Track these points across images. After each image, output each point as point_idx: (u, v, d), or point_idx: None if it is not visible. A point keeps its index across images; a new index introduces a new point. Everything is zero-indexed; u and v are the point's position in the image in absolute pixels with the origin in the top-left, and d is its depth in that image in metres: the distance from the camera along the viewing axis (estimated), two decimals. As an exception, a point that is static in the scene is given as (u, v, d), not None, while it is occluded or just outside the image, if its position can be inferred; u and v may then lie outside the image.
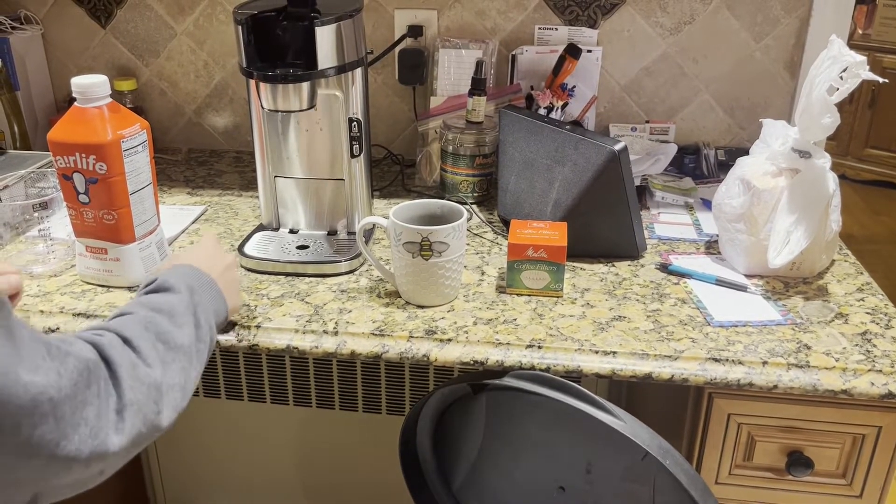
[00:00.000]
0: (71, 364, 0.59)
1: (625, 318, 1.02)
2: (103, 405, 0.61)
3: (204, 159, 1.63)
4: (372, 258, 1.07)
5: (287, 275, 1.12)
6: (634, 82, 1.51)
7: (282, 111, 1.10)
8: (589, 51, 1.46)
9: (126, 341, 0.69)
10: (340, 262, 1.12)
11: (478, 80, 1.35)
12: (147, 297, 0.79)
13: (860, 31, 3.99)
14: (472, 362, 0.94)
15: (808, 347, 0.95)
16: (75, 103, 0.99)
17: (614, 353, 0.94)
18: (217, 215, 1.34)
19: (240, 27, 1.05)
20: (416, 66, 1.49)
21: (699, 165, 1.48)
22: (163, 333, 0.73)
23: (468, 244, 1.22)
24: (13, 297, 0.89)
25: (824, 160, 1.07)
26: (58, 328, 1.01)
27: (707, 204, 1.34)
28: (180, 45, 1.60)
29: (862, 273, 1.14)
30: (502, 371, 0.94)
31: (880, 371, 0.91)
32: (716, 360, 0.93)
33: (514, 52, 1.47)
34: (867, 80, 0.99)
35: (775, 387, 0.91)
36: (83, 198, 1.01)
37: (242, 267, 1.14)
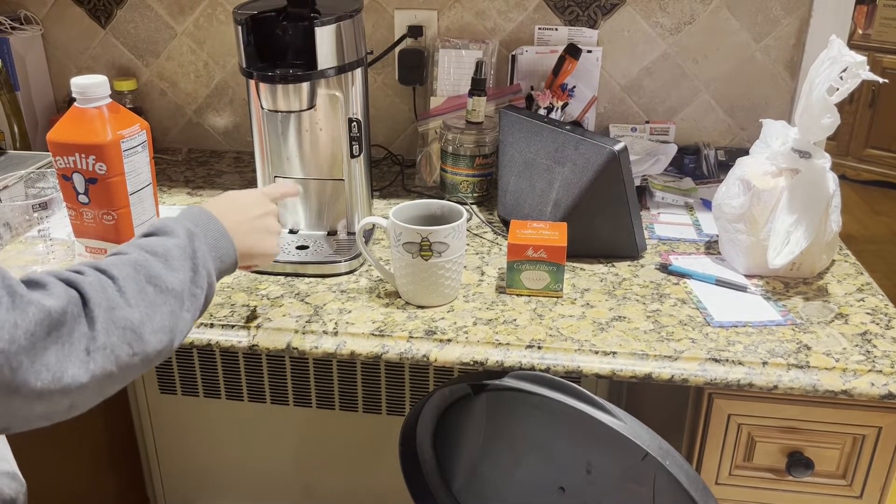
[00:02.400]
0: (31, 314, 0.58)
1: (625, 318, 1.02)
2: (68, 348, 0.60)
3: (204, 159, 1.63)
4: (372, 258, 1.07)
5: (287, 275, 1.12)
6: (634, 82, 1.51)
7: (282, 111, 1.10)
8: (589, 51, 1.46)
9: (112, 279, 0.67)
10: (340, 262, 1.12)
11: (478, 80, 1.35)
12: (144, 239, 0.76)
13: (860, 32, 3.99)
14: (472, 363, 0.94)
15: (808, 348, 0.95)
16: (75, 103, 0.99)
17: (614, 353, 0.94)
18: (217, 215, 1.34)
19: (240, 27, 1.05)
20: (416, 67, 1.49)
21: (699, 166, 1.48)
22: (154, 277, 0.70)
23: (468, 244, 1.22)
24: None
25: (824, 160, 1.07)
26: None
27: (707, 204, 1.34)
28: (180, 45, 1.60)
29: (862, 273, 1.14)
30: (502, 371, 0.94)
31: (880, 371, 0.91)
32: (716, 360, 0.93)
33: (514, 53, 1.47)
34: (867, 81, 0.99)
35: (775, 387, 0.91)
36: (83, 198, 1.01)
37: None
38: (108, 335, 0.63)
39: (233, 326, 1.00)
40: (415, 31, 1.50)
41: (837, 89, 0.99)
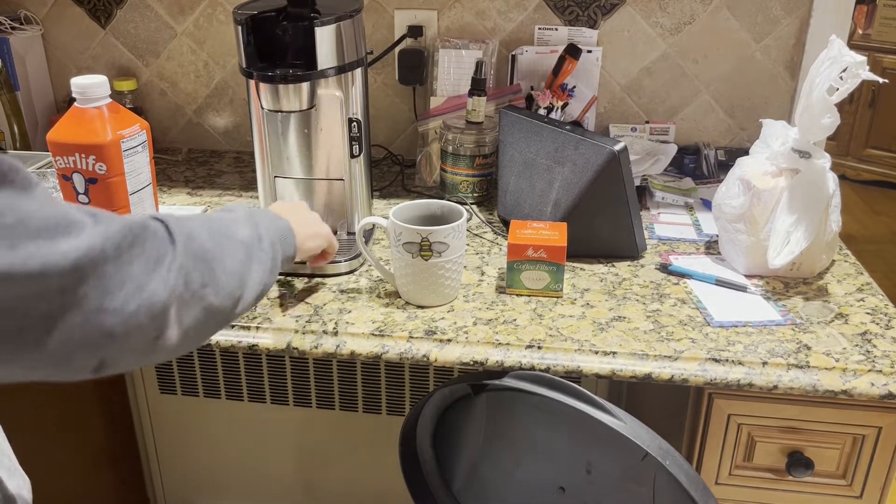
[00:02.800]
0: (116, 226, 0.58)
1: (625, 318, 1.02)
2: (150, 261, 0.60)
3: (204, 159, 1.63)
4: (372, 258, 1.07)
5: (287, 275, 1.12)
6: (634, 82, 1.51)
7: (282, 111, 1.10)
8: (589, 51, 1.46)
9: (186, 220, 0.68)
10: (340, 262, 1.12)
11: (478, 80, 1.35)
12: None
13: (860, 32, 3.99)
14: (471, 363, 0.94)
15: (808, 348, 0.95)
16: (75, 103, 0.99)
17: (614, 353, 0.94)
18: (217, 215, 1.34)
19: (239, 27, 1.05)
20: (416, 67, 1.49)
21: (699, 165, 1.48)
22: (224, 227, 0.72)
23: (468, 244, 1.22)
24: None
25: (824, 160, 1.07)
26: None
27: (707, 204, 1.34)
28: (180, 45, 1.60)
29: (862, 273, 1.14)
30: (502, 371, 0.94)
31: (880, 371, 0.91)
32: (716, 360, 0.93)
33: (514, 53, 1.47)
34: (867, 81, 0.99)
35: (775, 387, 0.91)
36: (83, 198, 1.01)
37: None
38: (185, 256, 0.64)
39: (233, 326, 1.00)
40: (415, 31, 1.50)
41: (837, 89, 0.99)
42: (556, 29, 1.48)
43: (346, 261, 1.13)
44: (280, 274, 1.12)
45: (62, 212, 0.56)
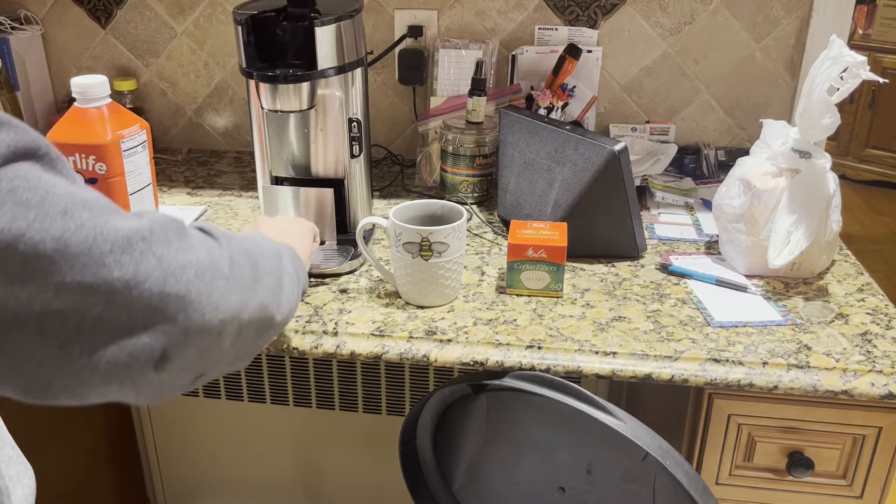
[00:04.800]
0: (160, 218, 0.58)
1: (625, 318, 1.02)
2: (201, 252, 0.60)
3: (204, 159, 1.63)
4: (372, 258, 1.07)
5: (287, 275, 1.12)
6: (634, 82, 1.51)
7: (282, 111, 1.10)
8: (589, 51, 1.46)
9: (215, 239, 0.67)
10: (340, 262, 1.12)
11: (478, 80, 1.35)
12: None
13: (860, 32, 3.99)
14: (472, 363, 0.94)
15: (809, 348, 0.95)
16: (75, 103, 0.99)
17: (614, 353, 0.94)
18: (217, 215, 1.34)
19: (239, 27, 1.05)
20: (416, 67, 1.49)
21: (699, 166, 1.48)
22: (247, 251, 0.70)
23: (468, 244, 1.22)
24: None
25: (824, 160, 1.07)
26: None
27: (707, 204, 1.34)
28: (180, 45, 1.60)
29: (862, 273, 1.14)
30: (502, 371, 0.94)
31: (880, 371, 0.91)
32: (716, 360, 0.93)
33: (514, 53, 1.47)
34: (867, 81, 0.99)
35: (775, 387, 0.91)
36: (83, 198, 1.01)
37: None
38: (230, 249, 0.64)
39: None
40: (415, 31, 1.50)
41: (838, 89, 0.99)
42: (556, 29, 1.48)
43: (346, 261, 1.13)
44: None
45: (109, 200, 0.56)
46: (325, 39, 1.05)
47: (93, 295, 0.52)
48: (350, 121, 1.13)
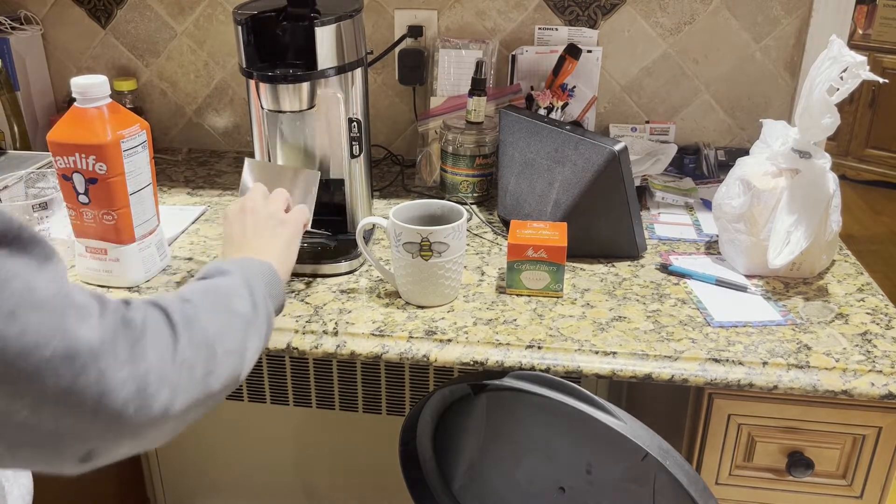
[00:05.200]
0: (118, 318, 0.56)
1: (625, 318, 1.02)
2: (151, 361, 0.57)
3: (204, 159, 1.63)
4: (372, 258, 1.07)
5: (287, 275, 1.12)
6: (634, 82, 1.51)
7: (282, 111, 1.10)
8: (589, 51, 1.46)
9: (187, 299, 0.66)
10: (340, 262, 1.12)
11: (478, 80, 1.35)
12: (201, 281, 0.76)
13: (860, 32, 3.99)
14: (472, 363, 0.94)
15: (809, 348, 0.95)
16: (75, 103, 0.99)
17: (614, 353, 0.94)
18: (217, 215, 1.34)
19: (240, 27, 1.05)
20: (416, 67, 1.49)
21: (699, 166, 1.48)
22: (224, 297, 0.71)
23: (468, 244, 1.22)
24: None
25: (824, 160, 1.07)
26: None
27: (707, 204, 1.34)
28: (180, 45, 1.60)
29: (862, 273, 1.14)
30: (502, 371, 0.94)
31: (880, 371, 0.91)
32: (716, 360, 0.93)
33: (514, 53, 1.47)
34: (867, 81, 0.99)
35: (775, 387, 0.91)
36: (83, 198, 1.01)
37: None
38: (188, 348, 0.61)
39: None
40: (415, 31, 1.50)
41: (837, 89, 0.99)
42: (556, 29, 1.48)
43: (346, 261, 1.12)
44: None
45: (70, 293, 0.54)
46: (325, 39, 1.05)
47: (20, 400, 0.51)
48: (350, 121, 1.13)
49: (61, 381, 0.51)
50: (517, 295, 1.07)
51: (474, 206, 1.36)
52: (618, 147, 1.09)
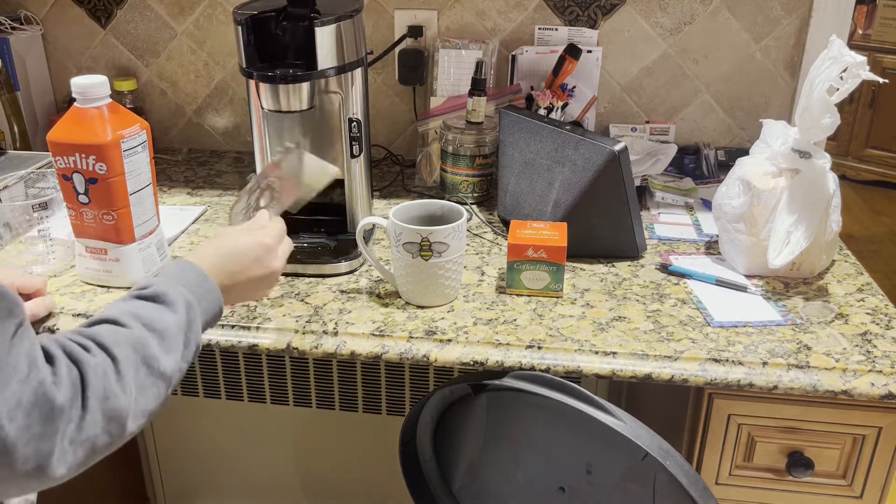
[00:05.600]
0: (36, 396, 0.60)
1: (625, 318, 1.02)
2: (56, 438, 0.62)
3: (204, 159, 1.63)
4: (372, 258, 1.07)
5: (287, 275, 1.12)
6: (634, 82, 1.51)
7: (282, 111, 1.10)
8: (589, 51, 1.46)
9: (114, 362, 0.68)
10: (340, 262, 1.12)
11: (478, 80, 1.35)
12: (142, 305, 0.76)
13: (860, 32, 3.99)
14: (472, 363, 0.94)
15: (809, 348, 0.95)
16: (75, 103, 0.99)
17: (614, 353, 0.94)
18: (217, 215, 1.34)
19: (240, 27, 1.05)
20: (416, 67, 1.49)
21: (699, 166, 1.48)
22: (149, 358, 0.71)
23: (468, 244, 1.22)
24: (43, 318, 0.98)
25: (824, 160, 1.07)
26: (57, 328, 1.01)
27: (707, 204, 1.34)
28: (180, 45, 1.60)
29: (862, 273, 1.14)
30: (502, 371, 0.94)
31: (880, 371, 0.91)
32: (716, 360, 0.93)
33: (514, 53, 1.47)
34: (867, 81, 0.98)
35: (775, 387, 0.91)
36: (83, 198, 1.01)
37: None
38: (94, 426, 0.65)
39: (233, 326, 1.00)
40: (415, 31, 1.50)
41: (837, 89, 0.99)
42: (556, 29, 1.48)
43: (346, 261, 1.13)
44: (281, 274, 1.11)
45: (8, 352, 0.58)
46: (325, 39, 1.05)
47: None
48: (350, 121, 1.13)
49: None
50: (517, 295, 1.07)
51: (474, 206, 1.36)
52: (618, 147, 1.09)
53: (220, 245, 0.88)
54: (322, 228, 1.20)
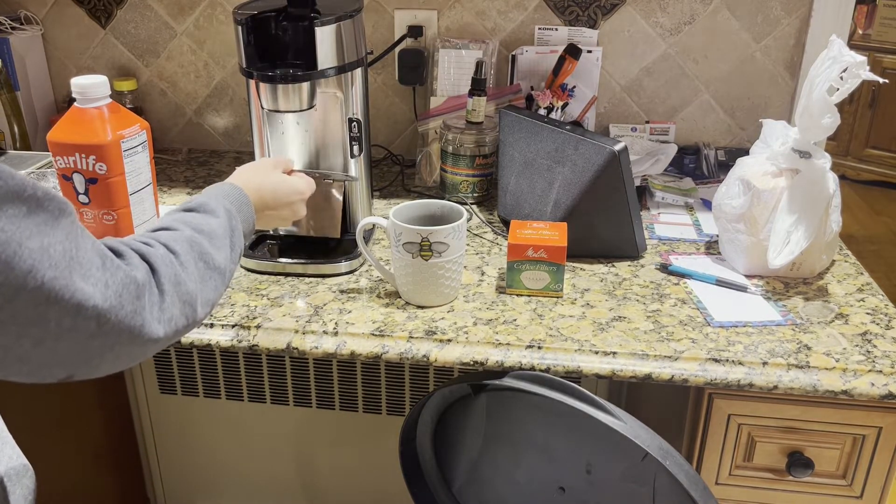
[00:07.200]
0: (120, 278, 0.63)
1: (625, 318, 1.02)
2: (145, 316, 0.65)
3: (204, 159, 1.63)
4: (372, 258, 1.07)
5: (287, 275, 1.12)
6: (634, 82, 1.51)
7: (282, 111, 1.10)
8: (589, 51, 1.46)
9: (174, 255, 0.73)
10: (340, 262, 1.12)
11: (478, 80, 1.35)
12: (189, 215, 0.82)
13: (860, 32, 3.99)
14: (472, 363, 0.94)
15: (809, 348, 0.95)
16: (75, 103, 0.99)
17: (614, 353, 0.94)
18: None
19: (240, 27, 1.05)
20: (416, 67, 1.49)
21: (699, 166, 1.48)
22: (204, 254, 0.77)
23: (468, 244, 1.22)
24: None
25: (824, 160, 1.07)
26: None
27: (707, 204, 1.34)
28: (180, 45, 1.60)
29: (862, 273, 1.14)
30: (502, 371, 0.94)
31: (880, 371, 0.91)
32: (716, 360, 0.93)
33: (514, 53, 1.47)
34: (867, 81, 0.99)
35: (775, 387, 0.91)
36: (83, 198, 1.01)
37: (242, 267, 1.14)
38: (173, 306, 0.69)
39: (233, 326, 1.00)
40: (415, 31, 1.50)
41: (837, 89, 0.99)
42: (556, 29, 1.48)
43: (346, 261, 1.13)
44: (280, 274, 1.12)
45: (78, 251, 0.60)
46: (325, 39, 1.05)
47: (24, 339, 0.58)
48: (350, 121, 1.13)
49: (63, 325, 0.58)
50: (517, 295, 1.07)
51: (474, 206, 1.36)
52: (618, 147, 1.09)
53: (264, 181, 0.97)
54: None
